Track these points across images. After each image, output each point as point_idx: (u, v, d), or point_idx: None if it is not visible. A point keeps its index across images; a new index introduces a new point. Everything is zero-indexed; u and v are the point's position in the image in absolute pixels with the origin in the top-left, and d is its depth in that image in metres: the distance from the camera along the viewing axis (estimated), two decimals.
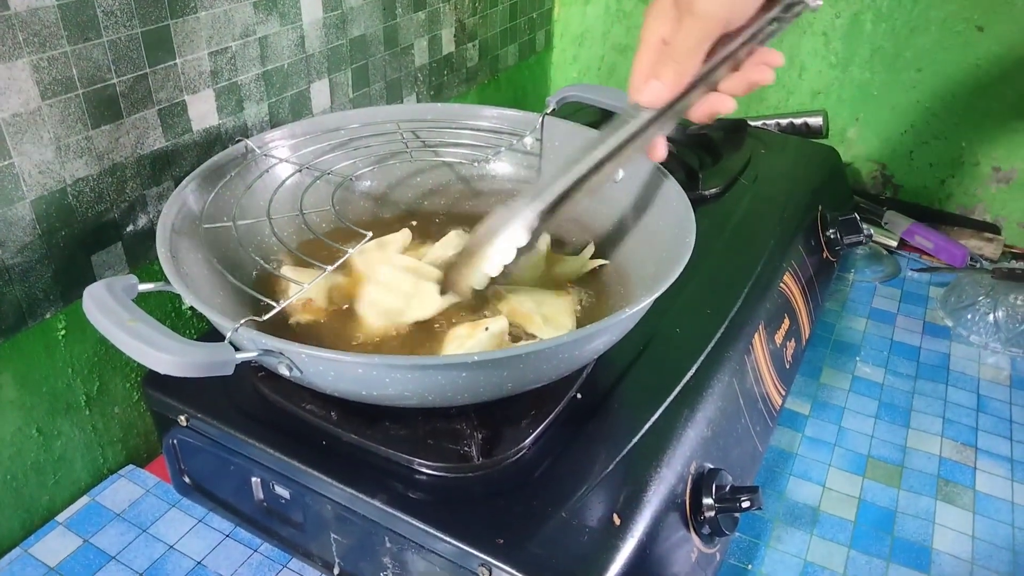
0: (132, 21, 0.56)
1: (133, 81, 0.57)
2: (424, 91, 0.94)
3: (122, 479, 0.65)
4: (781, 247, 0.78)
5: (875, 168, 1.11)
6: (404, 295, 0.56)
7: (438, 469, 0.49)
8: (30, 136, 0.52)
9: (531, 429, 0.52)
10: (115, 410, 0.65)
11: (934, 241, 1.00)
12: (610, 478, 0.50)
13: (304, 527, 0.54)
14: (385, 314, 0.56)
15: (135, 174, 0.60)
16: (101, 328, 0.39)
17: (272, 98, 0.71)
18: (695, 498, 0.53)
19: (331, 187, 0.60)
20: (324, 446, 0.52)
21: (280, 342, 0.40)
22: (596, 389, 0.57)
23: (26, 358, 0.57)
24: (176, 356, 0.37)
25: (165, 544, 0.59)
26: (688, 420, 0.55)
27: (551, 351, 0.43)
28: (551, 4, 1.21)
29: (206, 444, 0.56)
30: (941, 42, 0.99)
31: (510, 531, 0.46)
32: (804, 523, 0.64)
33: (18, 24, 0.49)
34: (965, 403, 0.78)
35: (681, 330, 0.63)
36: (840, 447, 0.72)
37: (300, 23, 0.71)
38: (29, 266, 0.54)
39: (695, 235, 0.52)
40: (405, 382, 0.43)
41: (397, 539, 0.48)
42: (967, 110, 1.01)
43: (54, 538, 0.59)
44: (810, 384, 0.79)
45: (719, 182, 0.86)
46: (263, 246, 0.60)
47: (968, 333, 0.87)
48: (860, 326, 0.89)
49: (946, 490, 0.68)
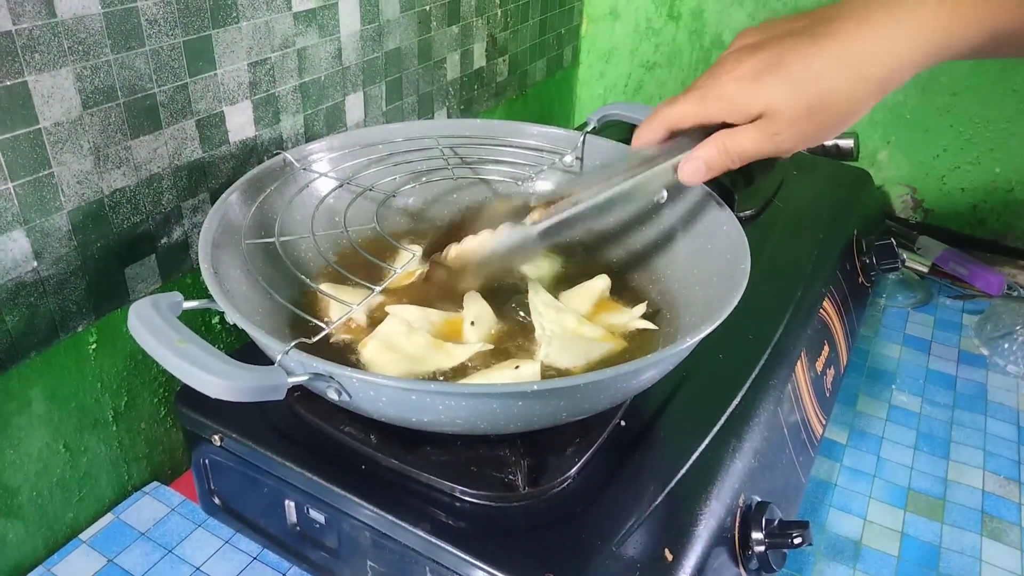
0: (175, 30, 0.55)
1: (173, 91, 0.56)
2: (455, 105, 0.93)
3: (147, 496, 0.63)
4: (819, 272, 0.76)
5: (906, 192, 1.10)
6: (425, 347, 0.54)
7: (481, 498, 0.48)
8: (70, 146, 0.50)
9: (576, 458, 0.50)
10: (142, 426, 0.63)
11: (969, 268, 0.98)
12: (659, 511, 0.48)
13: (339, 553, 0.53)
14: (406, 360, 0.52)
15: (171, 185, 0.59)
16: (149, 348, 0.38)
17: (308, 110, 0.70)
18: (744, 532, 0.51)
19: (372, 203, 0.59)
20: (363, 470, 0.50)
21: (332, 366, 0.39)
22: (640, 416, 0.55)
23: (56, 372, 0.55)
24: (229, 380, 0.36)
25: (191, 566, 0.57)
26: (736, 450, 0.54)
27: (609, 381, 0.42)
28: (579, 20, 1.20)
29: (239, 464, 0.54)
30: (977, 67, 0.98)
31: (559, 565, 0.44)
32: (847, 557, 0.62)
33: (63, 32, 0.48)
34: (1006, 435, 0.76)
35: (723, 356, 0.61)
36: (880, 478, 0.70)
37: (338, 35, 0.70)
38: (64, 278, 0.53)
39: (750, 261, 0.51)
40: (458, 409, 0.41)
41: (438, 569, 0.47)
42: (1002, 136, 1.00)
43: (77, 557, 0.58)
44: (846, 412, 0.78)
45: (754, 204, 0.85)
46: (301, 262, 0.59)
47: (1005, 363, 0.85)
48: (895, 353, 0.87)
49: (991, 526, 0.66)
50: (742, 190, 0.88)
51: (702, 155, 0.47)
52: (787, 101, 0.42)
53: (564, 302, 0.58)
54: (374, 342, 0.52)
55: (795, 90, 0.41)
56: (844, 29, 0.41)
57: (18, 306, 0.51)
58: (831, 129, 0.43)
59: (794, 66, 0.41)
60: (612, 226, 0.66)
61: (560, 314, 0.56)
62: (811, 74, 0.41)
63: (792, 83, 0.41)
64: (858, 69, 0.41)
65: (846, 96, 0.41)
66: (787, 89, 0.41)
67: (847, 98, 0.42)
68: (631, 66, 1.24)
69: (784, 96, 0.41)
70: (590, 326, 0.56)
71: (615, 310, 0.59)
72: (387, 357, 0.51)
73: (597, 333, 0.55)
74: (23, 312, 0.51)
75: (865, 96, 0.42)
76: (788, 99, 0.41)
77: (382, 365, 0.51)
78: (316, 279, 0.58)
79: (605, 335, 0.55)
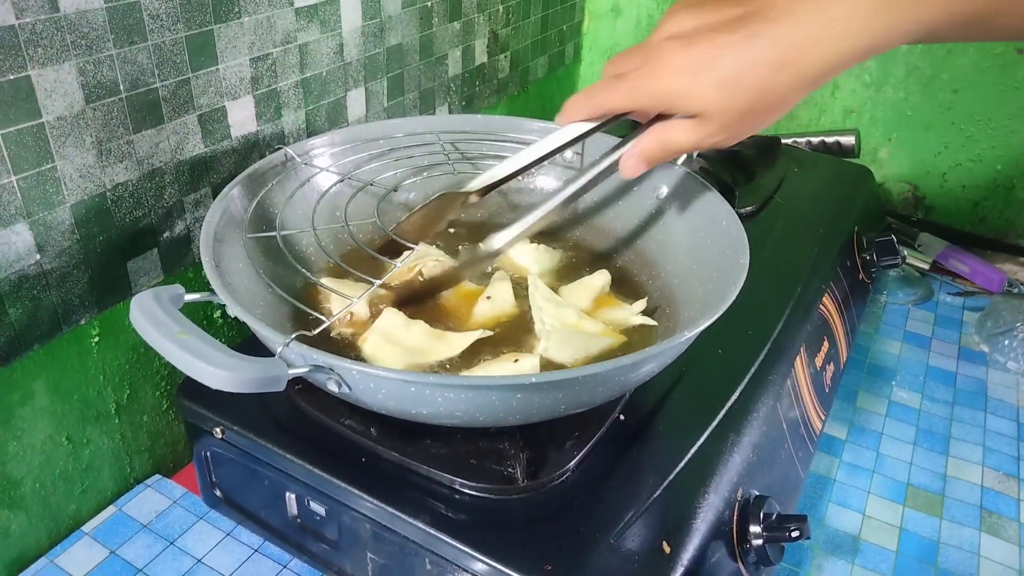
0: (177, 25, 0.55)
1: (176, 86, 0.56)
2: (456, 101, 0.94)
3: (148, 489, 0.64)
4: (819, 268, 0.76)
5: (907, 189, 1.10)
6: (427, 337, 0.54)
7: (481, 490, 0.48)
8: (73, 140, 0.51)
9: (575, 451, 0.50)
10: (144, 419, 0.64)
11: (970, 265, 0.98)
12: (657, 504, 0.48)
13: (339, 545, 0.53)
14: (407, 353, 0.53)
15: (174, 180, 0.59)
16: (150, 340, 0.38)
17: (309, 105, 0.70)
18: (742, 526, 0.52)
19: (373, 198, 0.59)
20: (363, 463, 0.50)
21: (332, 358, 0.39)
22: (639, 410, 0.55)
23: (59, 365, 0.56)
24: (230, 372, 0.36)
25: (193, 558, 0.58)
26: (734, 445, 0.54)
27: (607, 374, 0.42)
28: (581, 17, 1.20)
29: (240, 457, 0.54)
30: (979, 64, 0.98)
31: (558, 558, 0.44)
32: (845, 552, 0.63)
33: (67, 26, 0.48)
34: (1005, 431, 0.76)
35: (723, 351, 0.62)
36: (879, 474, 0.70)
37: (340, 31, 0.71)
38: (66, 271, 0.53)
39: (748, 256, 0.51)
40: (458, 402, 0.41)
41: (438, 561, 0.47)
42: (1003, 133, 1.00)
43: (80, 548, 0.58)
44: (846, 408, 0.78)
45: (754, 200, 0.85)
46: (302, 256, 0.59)
47: (1005, 359, 0.85)
48: (895, 350, 0.87)
49: (990, 521, 0.66)
50: (743, 187, 0.88)
51: (639, 151, 0.48)
52: (723, 106, 0.42)
53: (564, 297, 0.58)
54: (374, 336, 0.52)
55: (731, 94, 0.41)
56: (778, 28, 0.40)
57: (21, 299, 0.51)
58: (762, 125, 0.44)
59: (729, 70, 0.41)
60: (612, 222, 0.67)
61: (560, 309, 0.56)
62: (746, 79, 0.41)
63: (728, 88, 0.41)
64: (793, 69, 0.40)
65: (780, 95, 0.42)
66: (723, 94, 0.41)
67: (780, 97, 0.42)
68: None
69: (720, 101, 0.42)
70: (590, 321, 0.56)
71: (615, 305, 0.59)
72: (388, 351, 0.52)
73: (597, 328, 0.56)
74: (26, 305, 0.51)
75: (798, 93, 0.42)
76: (723, 104, 0.42)
77: (384, 359, 0.51)
78: (317, 273, 0.59)
79: (605, 330, 0.55)
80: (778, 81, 0.41)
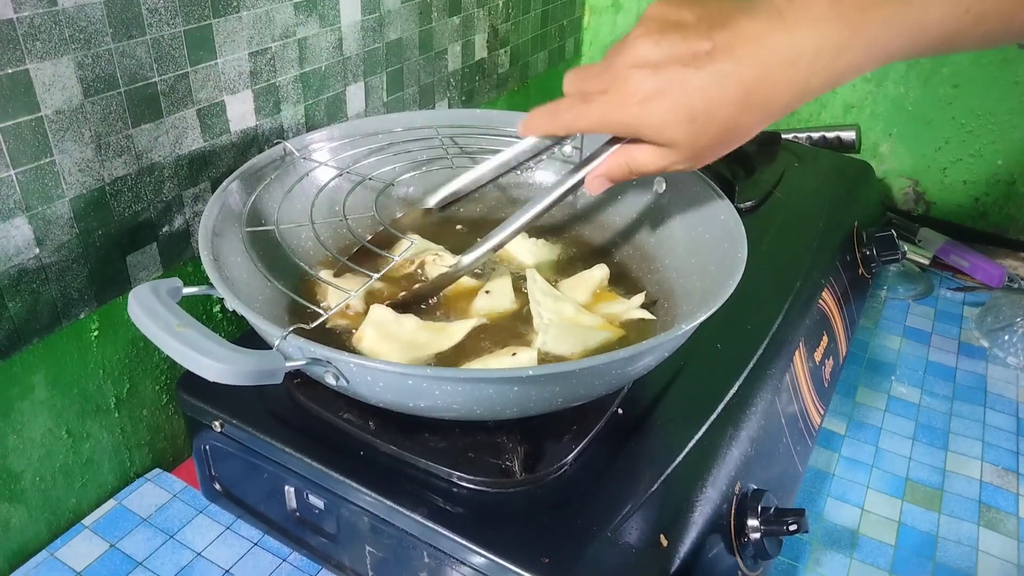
0: (175, 19, 0.55)
1: (174, 80, 0.57)
2: (456, 96, 0.94)
3: (148, 483, 0.64)
4: (819, 263, 0.76)
5: (907, 184, 1.10)
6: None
7: (479, 484, 0.48)
8: (72, 134, 0.51)
9: (573, 444, 0.50)
10: (143, 413, 0.64)
11: (970, 260, 0.98)
12: (655, 497, 0.49)
13: (337, 538, 0.53)
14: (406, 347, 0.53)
15: (173, 174, 0.59)
16: (148, 333, 0.38)
17: (309, 100, 0.70)
18: (739, 520, 0.52)
19: (371, 192, 0.59)
20: (361, 456, 0.50)
21: (330, 351, 0.39)
22: (637, 404, 0.55)
23: (58, 359, 0.56)
24: (227, 364, 0.36)
25: (192, 551, 0.58)
26: (732, 439, 0.54)
27: (604, 367, 0.42)
28: (581, 12, 1.20)
29: (239, 450, 0.55)
30: (979, 59, 0.98)
31: (555, 550, 0.44)
32: (843, 546, 0.63)
33: (65, 20, 0.48)
34: (1004, 426, 0.76)
35: (722, 346, 0.62)
36: (878, 468, 0.70)
37: (339, 25, 0.71)
38: (65, 265, 0.53)
39: (747, 250, 0.51)
40: (455, 394, 0.41)
41: (436, 554, 0.47)
42: (1004, 128, 1.00)
43: (80, 542, 0.58)
44: (845, 403, 0.78)
45: (754, 195, 0.85)
46: (300, 250, 0.59)
47: (1005, 354, 0.85)
48: (894, 345, 0.87)
49: (988, 515, 0.66)
50: (743, 181, 0.88)
51: (606, 171, 0.48)
52: (690, 140, 0.42)
53: (562, 291, 0.58)
54: (369, 333, 0.52)
55: (699, 130, 0.42)
56: (746, 71, 0.40)
57: (20, 292, 0.51)
58: (727, 150, 0.44)
59: (698, 109, 0.41)
60: (610, 216, 0.67)
61: (558, 302, 0.56)
62: (715, 117, 0.41)
63: (696, 124, 0.41)
64: (760, 109, 0.41)
65: (746, 129, 0.43)
66: (691, 128, 0.42)
67: (747, 130, 0.43)
68: None
69: (687, 136, 0.42)
70: (588, 315, 0.56)
71: (613, 299, 0.59)
72: (387, 346, 0.52)
73: (595, 322, 0.56)
74: (25, 299, 0.52)
75: (764, 124, 0.43)
76: (691, 138, 0.42)
77: (383, 355, 0.51)
78: (315, 267, 0.59)
79: (603, 324, 0.55)
80: (744, 119, 0.42)
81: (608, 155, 0.48)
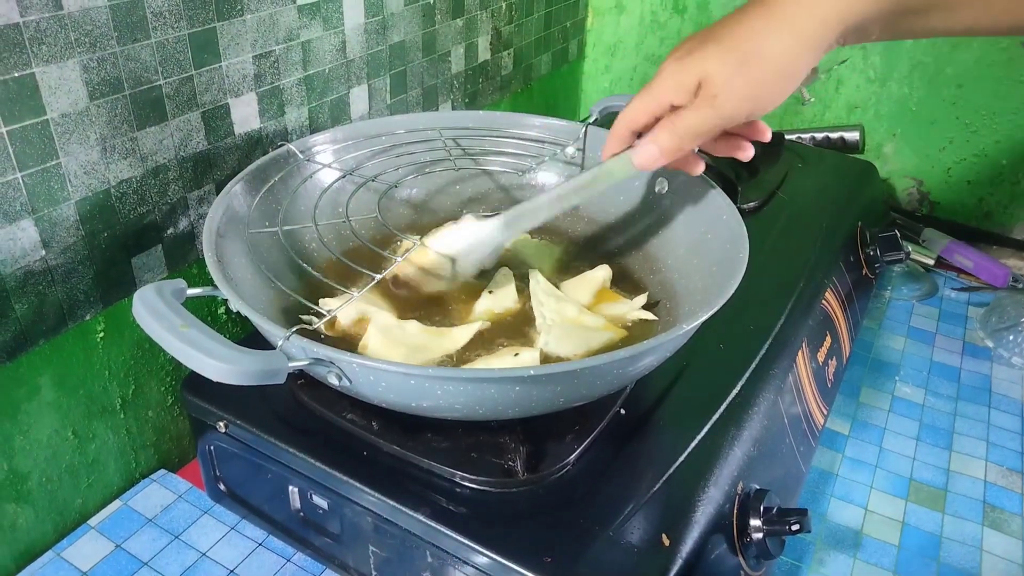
0: (180, 23, 0.56)
1: (179, 83, 0.57)
2: (459, 98, 0.94)
3: (154, 483, 0.64)
4: (822, 263, 0.76)
5: (911, 184, 1.09)
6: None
7: (481, 483, 0.48)
8: (77, 136, 0.51)
9: (576, 444, 0.51)
10: (149, 414, 0.64)
11: (974, 260, 0.98)
12: (657, 497, 0.49)
13: (341, 538, 0.53)
14: (412, 351, 0.53)
15: (177, 176, 0.60)
16: (153, 333, 0.39)
17: (312, 103, 0.70)
18: (742, 520, 0.52)
19: (375, 194, 0.60)
20: (365, 456, 0.51)
21: (332, 351, 0.40)
22: (639, 404, 0.55)
23: (65, 360, 0.56)
24: (230, 364, 0.37)
25: (197, 551, 0.58)
26: (735, 439, 0.54)
27: (606, 367, 0.42)
28: (585, 14, 1.20)
29: (243, 451, 0.55)
30: (984, 58, 0.98)
31: (558, 550, 0.45)
32: (847, 546, 0.63)
33: (70, 24, 0.49)
34: (1009, 427, 0.76)
35: (724, 346, 0.62)
36: (881, 469, 0.70)
37: (342, 28, 0.71)
38: (71, 267, 0.54)
39: (748, 250, 0.51)
40: (457, 394, 0.42)
41: (439, 554, 0.47)
42: (1008, 128, 0.99)
43: (86, 542, 0.59)
44: (849, 403, 0.78)
45: (758, 196, 0.85)
46: (304, 251, 0.60)
47: (1010, 355, 0.85)
48: (899, 345, 0.87)
49: (993, 516, 0.66)
50: (746, 182, 0.88)
51: (652, 138, 0.48)
52: (719, 62, 0.43)
53: (565, 291, 0.59)
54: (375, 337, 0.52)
55: (726, 52, 0.43)
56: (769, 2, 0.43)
57: (27, 294, 0.52)
58: (768, 86, 0.44)
59: (723, 36, 0.43)
60: (613, 217, 0.67)
61: (560, 303, 0.56)
62: (738, 38, 0.43)
63: (722, 47, 0.43)
64: (784, 22, 0.42)
65: (777, 50, 0.42)
66: (718, 53, 0.43)
67: (779, 52, 0.42)
68: (637, 59, 1.24)
69: (715, 59, 0.43)
70: (590, 315, 0.56)
71: (615, 300, 0.59)
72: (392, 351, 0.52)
73: (597, 322, 0.56)
74: (32, 300, 0.52)
75: (797, 50, 0.42)
76: (719, 60, 0.43)
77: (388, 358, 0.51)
78: (318, 268, 0.59)
79: (605, 325, 0.56)
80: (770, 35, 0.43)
81: (655, 128, 0.48)
